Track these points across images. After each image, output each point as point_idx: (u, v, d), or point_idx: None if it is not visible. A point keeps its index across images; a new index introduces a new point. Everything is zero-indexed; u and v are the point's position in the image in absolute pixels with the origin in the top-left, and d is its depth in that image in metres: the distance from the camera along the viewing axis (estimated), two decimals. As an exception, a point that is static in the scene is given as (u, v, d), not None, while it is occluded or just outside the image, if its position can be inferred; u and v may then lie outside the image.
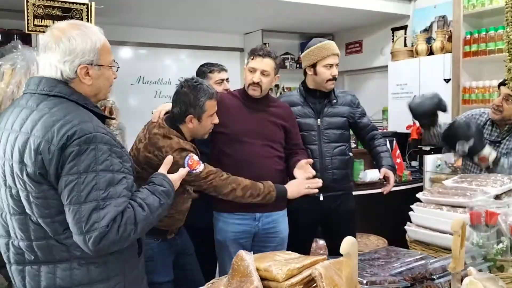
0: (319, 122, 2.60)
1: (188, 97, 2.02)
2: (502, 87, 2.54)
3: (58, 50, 1.39)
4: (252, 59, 2.33)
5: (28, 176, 1.31)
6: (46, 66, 1.42)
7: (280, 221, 2.44)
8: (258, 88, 2.32)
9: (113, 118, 1.96)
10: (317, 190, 2.30)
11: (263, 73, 2.31)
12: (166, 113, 2.16)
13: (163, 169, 1.67)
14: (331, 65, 2.54)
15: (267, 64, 2.32)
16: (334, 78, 2.57)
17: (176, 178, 1.66)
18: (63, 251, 1.37)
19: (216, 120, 2.15)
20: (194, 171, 1.99)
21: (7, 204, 1.39)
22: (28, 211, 1.35)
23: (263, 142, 2.34)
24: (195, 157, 2.01)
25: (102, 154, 1.33)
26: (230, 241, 2.34)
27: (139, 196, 1.43)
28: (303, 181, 2.26)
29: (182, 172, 1.72)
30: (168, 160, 1.72)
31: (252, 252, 1.41)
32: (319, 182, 2.27)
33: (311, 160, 2.38)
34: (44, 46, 1.42)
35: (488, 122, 2.66)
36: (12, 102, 1.59)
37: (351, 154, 2.71)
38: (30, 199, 1.33)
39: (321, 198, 2.57)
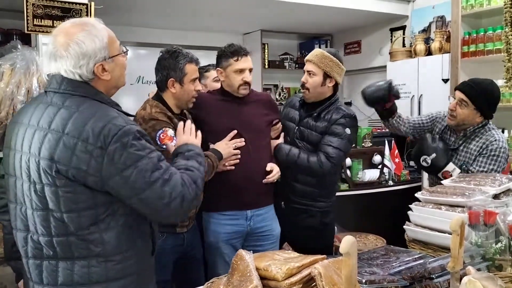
0: (296, 130, 2.51)
1: (168, 62, 2.09)
2: (456, 91, 2.53)
3: (70, 57, 1.39)
4: (237, 60, 2.28)
5: (58, 172, 1.32)
6: (62, 72, 1.41)
7: (272, 218, 2.44)
8: (248, 87, 2.33)
9: (134, 116, 1.99)
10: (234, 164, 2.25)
11: (250, 71, 2.32)
12: None
13: (184, 139, 1.71)
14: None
15: (250, 61, 2.34)
16: (303, 87, 2.48)
17: (197, 142, 1.72)
18: (82, 248, 1.38)
19: (199, 87, 2.18)
20: (164, 146, 1.93)
21: (29, 199, 1.39)
22: (52, 206, 1.36)
23: (251, 134, 2.33)
24: (170, 132, 1.97)
25: (141, 141, 1.38)
26: (223, 242, 2.31)
27: (179, 164, 1.52)
28: (229, 143, 2.22)
29: (199, 135, 1.76)
30: (188, 124, 1.75)
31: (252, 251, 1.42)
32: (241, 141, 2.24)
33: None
34: (53, 55, 1.42)
35: (449, 128, 2.64)
36: (33, 99, 1.59)
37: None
38: (59, 194, 1.34)
39: (283, 206, 2.54)
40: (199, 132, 1.78)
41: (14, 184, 1.44)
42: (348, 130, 2.41)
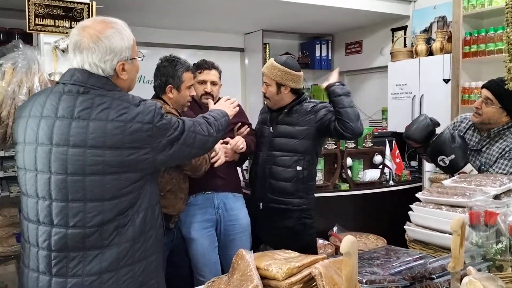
0: (271, 130, 2.61)
1: (167, 70, 2.29)
2: (483, 89, 2.48)
3: (97, 50, 1.45)
4: (200, 72, 2.60)
5: (109, 160, 1.38)
6: (86, 65, 1.46)
7: (240, 208, 2.61)
8: (210, 97, 2.53)
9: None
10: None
11: (212, 83, 2.61)
12: None
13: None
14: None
15: (214, 75, 2.61)
16: (264, 96, 2.63)
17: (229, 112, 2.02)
18: (113, 236, 1.42)
19: (194, 93, 2.40)
20: None
21: (62, 193, 1.39)
22: (92, 196, 1.39)
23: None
24: None
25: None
26: (195, 231, 2.46)
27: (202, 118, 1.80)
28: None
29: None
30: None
31: (252, 248, 1.42)
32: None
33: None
34: (78, 46, 1.46)
35: (472, 127, 2.58)
36: (41, 92, 1.59)
37: (299, 168, 2.49)
38: (106, 181, 1.39)
39: (261, 207, 2.58)
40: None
41: (35, 179, 1.43)
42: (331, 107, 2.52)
